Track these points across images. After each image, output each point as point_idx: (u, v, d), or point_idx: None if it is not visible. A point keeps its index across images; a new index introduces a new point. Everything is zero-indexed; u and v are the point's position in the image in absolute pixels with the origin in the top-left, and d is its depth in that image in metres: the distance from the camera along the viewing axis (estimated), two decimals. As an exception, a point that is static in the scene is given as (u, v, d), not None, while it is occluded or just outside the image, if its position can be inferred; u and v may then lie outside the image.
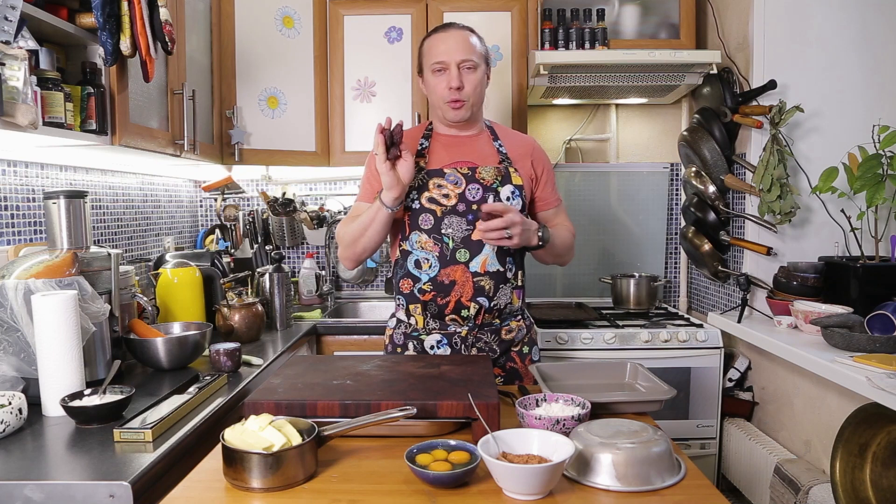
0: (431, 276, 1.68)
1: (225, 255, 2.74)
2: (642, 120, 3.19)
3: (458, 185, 1.69)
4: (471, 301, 1.68)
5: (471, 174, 1.70)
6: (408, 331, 1.76)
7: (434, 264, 1.68)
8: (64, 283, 1.50)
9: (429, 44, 1.74)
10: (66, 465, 1.17)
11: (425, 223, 1.68)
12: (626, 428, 1.11)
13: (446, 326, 1.72)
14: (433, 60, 1.71)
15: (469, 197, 1.68)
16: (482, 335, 1.73)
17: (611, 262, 3.15)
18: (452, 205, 1.68)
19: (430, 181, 1.70)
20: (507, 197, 1.70)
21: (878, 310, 1.93)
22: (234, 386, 1.65)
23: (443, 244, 1.67)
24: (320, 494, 1.01)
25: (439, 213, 1.68)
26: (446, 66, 1.69)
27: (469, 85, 1.70)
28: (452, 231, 1.67)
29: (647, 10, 2.83)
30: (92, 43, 1.70)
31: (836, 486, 1.87)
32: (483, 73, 1.74)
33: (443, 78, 1.70)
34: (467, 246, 1.67)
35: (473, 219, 1.67)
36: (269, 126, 2.68)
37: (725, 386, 2.62)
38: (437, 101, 1.74)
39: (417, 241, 1.69)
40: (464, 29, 1.73)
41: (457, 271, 1.67)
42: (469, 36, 1.72)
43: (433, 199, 1.68)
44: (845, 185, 2.22)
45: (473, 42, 1.72)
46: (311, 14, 2.76)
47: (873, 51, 2.38)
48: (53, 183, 2.05)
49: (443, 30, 1.73)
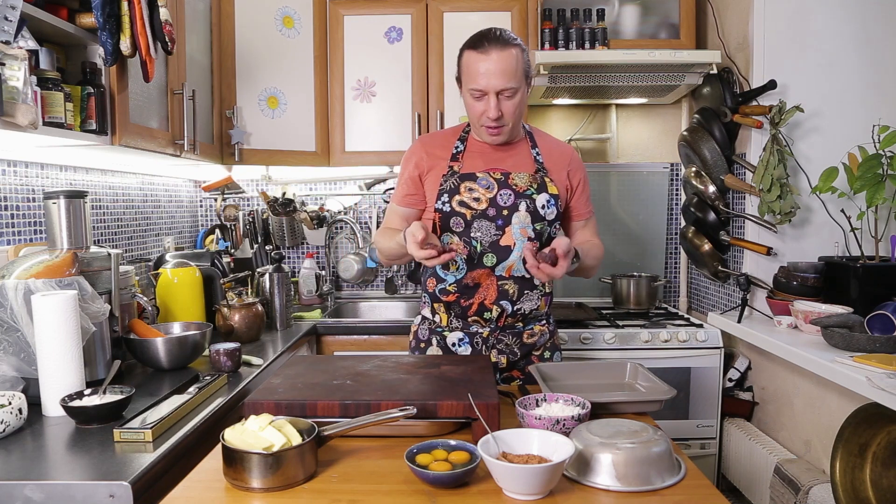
0: (458, 278, 1.69)
1: (225, 255, 2.74)
2: (642, 120, 3.19)
3: (490, 190, 1.66)
4: (494, 304, 1.68)
5: (503, 179, 1.67)
6: (432, 327, 1.78)
7: (462, 266, 1.68)
8: (64, 283, 1.50)
9: (467, 61, 1.62)
10: (66, 465, 1.17)
11: (456, 226, 1.67)
12: (626, 428, 1.11)
13: (469, 326, 1.73)
14: (471, 85, 1.61)
15: (500, 202, 1.66)
16: (503, 337, 1.73)
17: (611, 262, 3.15)
18: (483, 209, 1.65)
19: (462, 184, 1.67)
20: (542, 205, 1.68)
21: (878, 310, 1.93)
22: (234, 386, 1.65)
23: (471, 247, 1.66)
24: (320, 494, 1.01)
25: (469, 216, 1.66)
26: (485, 94, 1.60)
27: (508, 112, 1.62)
28: (481, 235, 1.66)
29: (647, 10, 2.83)
30: (92, 43, 1.70)
31: (836, 486, 1.87)
32: (524, 94, 1.65)
33: (480, 103, 1.62)
34: (495, 250, 1.66)
35: (503, 224, 1.65)
36: (269, 126, 2.68)
37: (725, 386, 2.62)
38: (473, 120, 1.69)
39: (449, 243, 1.68)
40: (506, 47, 1.58)
41: (482, 275, 1.67)
42: (511, 57, 1.58)
43: (464, 203, 1.66)
44: (845, 185, 2.22)
45: (515, 64, 1.58)
46: (311, 14, 2.76)
47: (873, 51, 2.38)
48: (53, 183, 2.05)
49: (482, 48, 1.58)
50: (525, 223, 1.66)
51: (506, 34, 1.61)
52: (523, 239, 1.66)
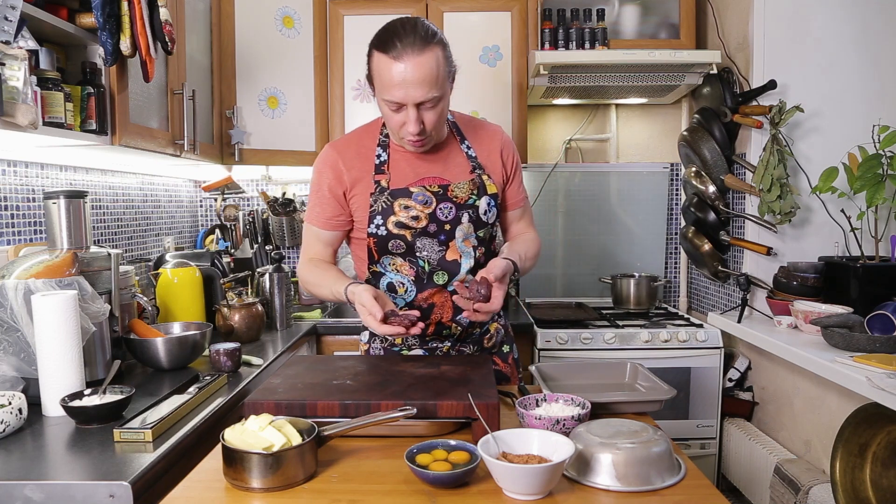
0: (408, 301, 1.54)
1: (225, 255, 2.74)
2: (642, 120, 3.19)
3: (428, 205, 1.48)
4: (451, 321, 1.57)
5: (442, 192, 1.50)
6: (386, 345, 1.65)
7: (410, 289, 1.54)
8: (64, 283, 1.50)
9: (378, 65, 1.37)
10: (66, 465, 1.17)
11: (396, 248, 1.51)
12: (626, 428, 1.11)
13: (427, 342, 1.62)
14: (385, 96, 1.38)
15: (441, 216, 1.49)
16: (464, 348, 1.64)
17: (611, 262, 3.15)
18: (423, 226, 1.49)
19: (396, 202, 1.48)
20: (484, 210, 1.53)
21: (878, 310, 1.93)
22: (234, 386, 1.65)
23: (418, 267, 1.52)
24: (320, 494, 1.01)
25: (409, 236, 1.49)
26: (402, 106, 1.38)
27: (431, 123, 1.41)
28: (427, 254, 1.51)
29: (647, 10, 2.83)
30: (92, 43, 1.70)
31: (836, 486, 1.87)
32: (447, 99, 1.44)
33: (399, 115, 1.40)
34: (444, 267, 1.52)
35: (446, 238, 1.51)
36: (269, 126, 2.68)
37: (725, 386, 2.62)
38: (392, 130, 1.47)
39: (391, 264, 1.53)
40: (423, 49, 1.33)
41: (434, 294, 1.54)
42: (430, 61, 1.34)
43: (401, 224, 1.48)
44: (845, 185, 2.22)
45: (436, 69, 1.35)
46: (311, 14, 2.76)
47: (873, 51, 2.38)
48: (53, 183, 2.05)
49: (394, 52, 1.33)
50: (468, 233, 1.53)
51: (421, 30, 1.35)
52: (468, 249, 1.53)
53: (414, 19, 1.39)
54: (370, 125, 1.60)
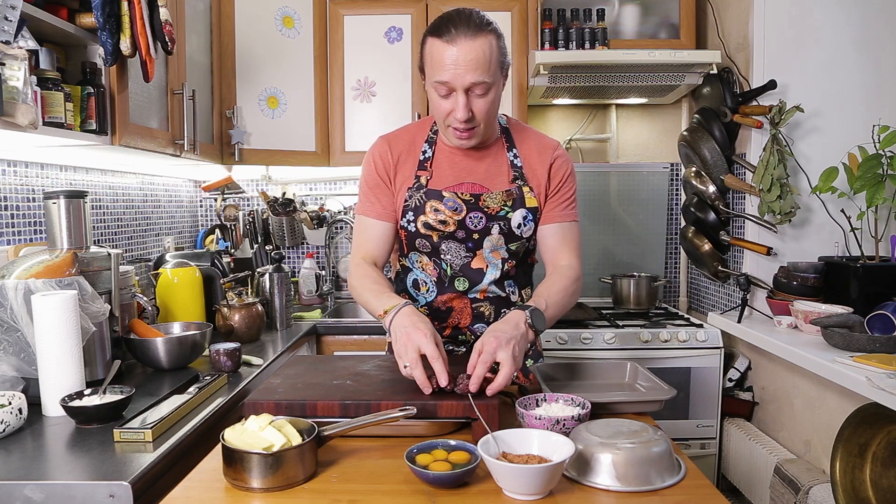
0: (428, 301, 1.56)
1: (225, 255, 2.74)
2: (642, 120, 3.19)
3: (458, 212, 1.47)
4: (468, 328, 1.56)
5: (474, 201, 1.47)
6: None
7: (432, 289, 1.55)
8: (64, 283, 1.49)
9: (431, 49, 1.36)
10: (66, 465, 1.17)
11: (423, 247, 1.52)
12: (626, 428, 1.11)
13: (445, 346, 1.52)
14: (435, 78, 1.36)
15: (469, 225, 1.48)
16: None
17: (611, 262, 3.15)
18: (451, 231, 1.48)
19: (428, 203, 1.47)
20: (518, 224, 1.49)
21: (878, 310, 1.93)
22: (234, 386, 1.65)
23: (441, 270, 1.53)
24: (320, 494, 1.01)
25: (436, 238, 1.49)
26: (452, 90, 1.36)
27: (480, 112, 1.38)
28: (451, 258, 1.51)
29: (647, 10, 2.83)
30: (92, 43, 1.70)
31: (836, 486, 1.87)
32: (499, 90, 1.41)
33: (447, 102, 1.38)
34: (466, 274, 1.52)
35: (473, 246, 1.50)
36: (269, 126, 2.68)
37: (725, 386, 2.62)
38: (439, 120, 1.44)
39: (418, 261, 1.55)
40: (477, 34, 1.32)
41: (454, 299, 1.54)
42: (483, 45, 1.33)
43: (429, 225, 1.48)
44: (845, 185, 2.22)
45: (488, 54, 1.33)
46: (311, 14, 2.76)
47: (873, 51, 2.38)
48: (53, 183, 2.05)
49: (448, 35, 1.33)
50: (497, 245, 1.50)
51: (477, 16, 1.35)
52: (496, 261, 1.52)
53: (469, 9, 1.37)
54: (422, 122, 1.59)
